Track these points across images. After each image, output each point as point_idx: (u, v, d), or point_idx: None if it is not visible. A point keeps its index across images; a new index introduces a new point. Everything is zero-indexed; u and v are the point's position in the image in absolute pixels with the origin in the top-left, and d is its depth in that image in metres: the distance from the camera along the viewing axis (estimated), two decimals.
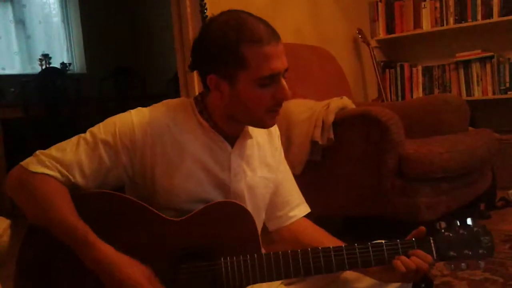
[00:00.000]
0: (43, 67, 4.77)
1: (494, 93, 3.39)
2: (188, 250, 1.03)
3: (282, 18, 3.08)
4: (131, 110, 1.09)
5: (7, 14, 4.98)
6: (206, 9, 2.53)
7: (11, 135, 4.01)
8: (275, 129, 1.25)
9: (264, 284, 1.08)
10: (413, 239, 1.06)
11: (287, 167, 1.30)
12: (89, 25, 5.43)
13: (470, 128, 2.61)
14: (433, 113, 2.51)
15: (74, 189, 1.03)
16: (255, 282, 1.03)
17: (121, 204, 1.04)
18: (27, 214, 1.01)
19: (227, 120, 1.08)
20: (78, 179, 1.02)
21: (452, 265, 1.06)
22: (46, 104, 4.32)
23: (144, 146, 1.04)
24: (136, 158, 1.05)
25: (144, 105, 1.12)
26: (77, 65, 5.52)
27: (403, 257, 1.02)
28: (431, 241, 1.05)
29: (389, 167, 1.98)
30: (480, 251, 1.04)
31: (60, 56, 5.30)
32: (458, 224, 1.07)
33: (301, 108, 2.22)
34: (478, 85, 3.45)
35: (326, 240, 1.18)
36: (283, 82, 1.03)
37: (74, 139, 1.05)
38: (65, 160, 1.02)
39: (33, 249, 1.02)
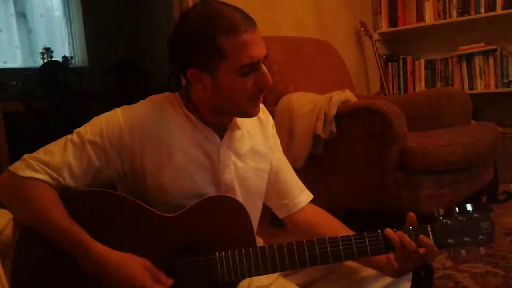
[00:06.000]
0: (45, 60, 4.75)
1: (497, 87, 3.38)
2: (183, 245, 1.02)
3: (284, 11, 3.06)
4: (117, 109, 1.07)
5: (8, 8, 4.97)
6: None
7: (13, 128, 4.01)
8: (267, 118, 1.24)
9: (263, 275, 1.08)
10: (410, 227, 1.05)
11: (284, 156, 1.29)
12: (91, 18, 5.42)
13: (472, 121, 2.60)
14: (435, 107, 2.50)
15: (65, 190, 1.02)
16: (250, 276, 1.02)
17: (115, 201, 1.03)
18: (19, 219, 1.00)
19: (213, 112, 1.07)
20: (68, 181, 1.01)
21: (451, 252, 1.04)
22: (48, 98, 4.32)
23: (133, 144, 1.03)
24: (125, 157, 1.04)
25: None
26: (79, 59, 5.51)
27: (389, 230, 1.03)
28: (428, 228, 1.04)
29: (391, 160, 1.98)
30: (480, 237, 1.02)
31: (61, 50, 5.29)
32: (457, 211, 1.05)
33: (303, 101, 2.22)
34: (481, 78, 3.44)
35: (341, 229, 1.18)
36: (264, 68, 1.02)
37: (61, 141, 1.04)
38: (53, 163, 1.00)
39: (28, 247, 1.00)
